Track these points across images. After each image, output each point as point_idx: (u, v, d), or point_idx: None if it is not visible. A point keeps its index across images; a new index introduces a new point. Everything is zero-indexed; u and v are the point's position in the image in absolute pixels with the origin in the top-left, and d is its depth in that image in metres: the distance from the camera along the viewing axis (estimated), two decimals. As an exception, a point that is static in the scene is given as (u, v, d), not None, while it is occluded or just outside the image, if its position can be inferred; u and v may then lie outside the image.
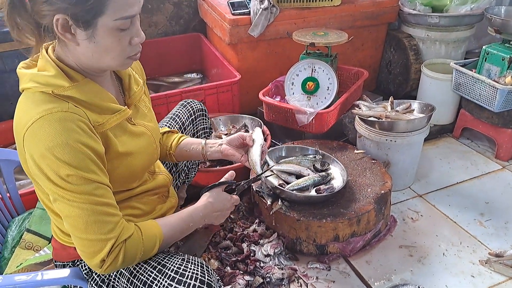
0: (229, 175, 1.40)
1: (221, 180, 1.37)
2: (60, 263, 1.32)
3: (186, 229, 1.24)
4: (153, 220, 1.19)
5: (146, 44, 2.79)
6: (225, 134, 2.28)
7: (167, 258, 1.16)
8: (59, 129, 0.97)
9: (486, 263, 1.74)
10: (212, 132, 1.86)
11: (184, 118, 1.70)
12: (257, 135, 1.47)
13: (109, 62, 1.06)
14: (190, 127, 1.73)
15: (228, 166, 2.05)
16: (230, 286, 1.62)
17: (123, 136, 1.16)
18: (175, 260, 1.14)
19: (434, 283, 1.67)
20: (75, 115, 1.01)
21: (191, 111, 1.74)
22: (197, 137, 1.76)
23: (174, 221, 1.22)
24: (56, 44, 1.07)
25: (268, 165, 1.89)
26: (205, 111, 1.79)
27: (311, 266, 1.74)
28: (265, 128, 2.27)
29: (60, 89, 1.02)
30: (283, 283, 1.65)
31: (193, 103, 1.76)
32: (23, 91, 1.05)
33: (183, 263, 1.12)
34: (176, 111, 1.72)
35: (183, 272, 1.09)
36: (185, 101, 1.77)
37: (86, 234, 1.02)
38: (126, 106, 1.20)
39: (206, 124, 1.81)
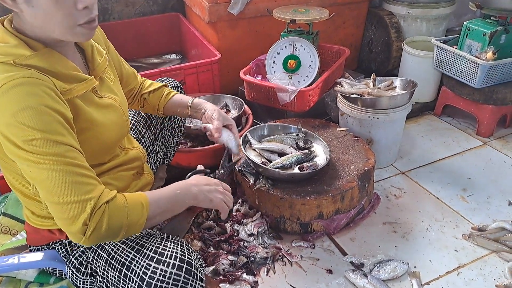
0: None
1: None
2: (35, 248, 1.27)
3: (174, 198, 1.12)
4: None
5: (123, 24, 2.80)
6: (206, 115, 2.22)
7: (145, 238, 1.12)
8: (22, 94, 0.92)
9: (469, 238, 1.75)
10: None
11: None
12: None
13: (58, 30, 0.98)
14: None
15: (208, 146, 2.00)
16: (214, 266, 1.59)
17: (90, 107, 1.11)
18: (154, 240, 1.10)
19: (418, 258, 1.67)
20: (39, 80, 0.95)
21: None
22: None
23: (159, 191, 1.13)
24: (13, 16, 1.02)
25: (250, 144, 1.86)
26: (181, 89, 1.74)
27: (295, 244, 1.72)
28: (246, 107, 2.23)
29: (21, 58, 0.97)
30: (268, 262, 1.63)
31: (167, 81, 1.70)
32: None
33: (162, 242, 1.08)
34: None
35: (162, 251, 1.05)
36: (160, 80, 1.72)
37: (63, 197, 0.95)
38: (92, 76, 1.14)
39: None
